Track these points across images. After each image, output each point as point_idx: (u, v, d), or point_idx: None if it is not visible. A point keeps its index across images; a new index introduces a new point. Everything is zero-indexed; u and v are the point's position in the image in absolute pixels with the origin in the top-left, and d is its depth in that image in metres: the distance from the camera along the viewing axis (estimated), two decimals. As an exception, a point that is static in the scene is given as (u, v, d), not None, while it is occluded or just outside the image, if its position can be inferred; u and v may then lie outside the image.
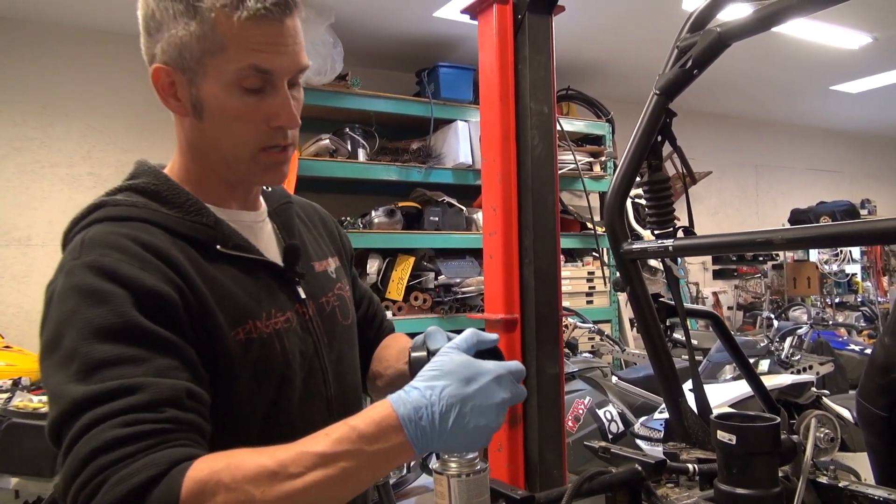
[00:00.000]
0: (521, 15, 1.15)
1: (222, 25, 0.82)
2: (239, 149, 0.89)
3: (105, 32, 4.18)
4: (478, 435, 0.74)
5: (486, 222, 1.25)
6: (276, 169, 0.93)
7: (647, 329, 0.92)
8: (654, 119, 0.88)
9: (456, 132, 4.32)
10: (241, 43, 0.83)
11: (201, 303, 0.84)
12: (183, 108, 0.90)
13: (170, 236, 0.86)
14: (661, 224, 0.93)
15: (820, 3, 0.71)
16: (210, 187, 0.95)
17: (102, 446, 0.68)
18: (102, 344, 0.74)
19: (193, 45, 0.84)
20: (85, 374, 0.72)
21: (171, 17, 0.85)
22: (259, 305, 0.91)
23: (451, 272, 4.20)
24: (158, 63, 0.88)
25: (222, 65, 0.84)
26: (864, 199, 7.68)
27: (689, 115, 6.58)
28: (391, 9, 4.08)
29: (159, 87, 0.90)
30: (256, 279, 0.93)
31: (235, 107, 0.86)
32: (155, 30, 0.88)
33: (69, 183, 4.09)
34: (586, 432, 2.89)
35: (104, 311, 0.75)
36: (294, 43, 0.87)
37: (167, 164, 0.98)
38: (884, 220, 0.60)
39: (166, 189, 0.91)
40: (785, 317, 4.70)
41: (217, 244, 0.89)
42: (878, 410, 0.93)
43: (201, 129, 0.90)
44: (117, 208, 0.87)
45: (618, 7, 4.19)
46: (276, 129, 0.89)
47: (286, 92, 0.88)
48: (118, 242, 0.81)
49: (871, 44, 4.88)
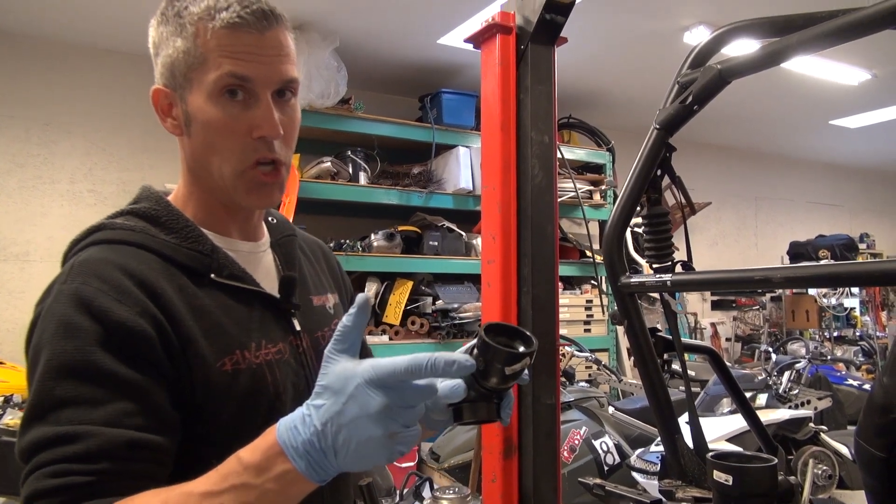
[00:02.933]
0: (524, 45, 1.16)
1: (201, 37, 0.85)
2: (224, 163, 0.88)
3: (111, 52, 4.22)
4: (368, 449, 0.66)
5: (485, 250, 1.24)
6: (262, 190, 0.91)
7: (644, 364, 0.91)
8: (654, 153, 0.88)
9: (457, 158, 4.34)
10: (218, 51, 0.85)
11: (183, 335, 0.83)
12: (178, 128, 0.91)
13: (162, 263, 0.86)
14: (659, 258, 0.93)
15: (820, 43, 0.71)
16: (211, 213, 0.95)
17: (32, 494, 0.71)
18: (65, 381, 0.75)
19: (180, 60, 0.87)
20: (42, 413, 0.74)
21: (164, 39, 0.89)
22: (248, 336, 0.89)
23: (449, 297, 4.19)
24: (156, 85, 0.91)
25: (203, 76, 0.86)
26: (862, 234, 7.70)
27: (689, 146, 6.64)
28: (396, 35, 4.12)
29: (158, 109, 0.92)
30: (249, 309, 0.92)
31: (218, 116, 0.86)
32: (154, 56, 0.92)
33: (70, 199, 4.10)
34: (582, 463, 2.85)
35: (71, 347, 0.76)
36: (276, 55, 0.87)
37: (173, 188, 0.98)
38: (882, 262, 0.60)
39: (166, 214, 0.91)
40: (783, 350, 4.68)
41: (211, 272, 0.89)
42: (876, 451, 0.91)
43: (192, 147, 0.90)
44: (115, 232, 0.88)
45: (619, 38, 4.24)
46: (260, 141, 0.88)
47: (269, 102, 0.87)
48: (102, 271, 0.81)
49: (871, 80, 4.93)
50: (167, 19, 0.89)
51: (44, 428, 0.73)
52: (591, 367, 4.34)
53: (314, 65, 3.83)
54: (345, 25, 3.94)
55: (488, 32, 1.21)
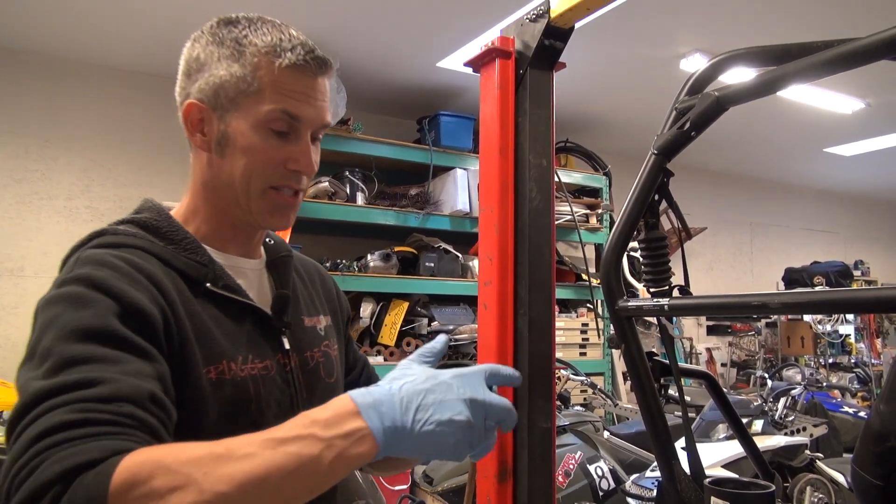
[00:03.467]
0: (522, 70, 1.17)
1: (263, 70, 0.90)
2: (252, 183, 0.92)
3: (111, 68, 4.25)
4: (445, 430, 0.68)
5: (482, 272, 1.24)
6: (283, 212, 0.96)
7: (641, 388, 0.90)
8: (652, 178, 0.89)
9: (455, 180, 4.36)
10: (276, 88, 0.90)
11: (182, 331, 0.84)
12: (206, 144, 0.94)
13: (162, 265, 0.89)
14: (657, 282, 0.93)
15: (817, 72, 0.72)
16: (214, 229, 0.98)
17: (49, 428, 0.65)
18: (77, 343, 0.73)
19: (232, 84, 0.91)
20: (53, 372, 0.71)
21: (215, 59, 0.92)
22: (236, 348, 0.90)
23: (444, 319, 4.18)
24: (192, 99, 0.93)
25: (255, 105, 0.90)
26: (857, 261, 7.73)
27: (685, 171, 6.69)
28: (396, 57, 4.16)
29: (188, 122, 0.95)
30: (240, 323, 0.93)
31: (260, 145, 0.91)
32: (195, 70, 0.94)
33: (66, 216, 4.09)
34: (577, 488, 2.83)
35: (86, 314, 0.76)
36: (322, 99, 0.95)
37: (176, 205, 1.01)
38: (879, 289, 0.60)
39: (166, 226, 0.94)
40: (779, 376, 4.67)
41: (207, 282, 0.91)
42: (873, 479, 0.91)
43: (220, 165, 0.94)
44: (116, 237, 0.90)
45: (617, 65, 4.28)
46: (291, 173, 0.93)
47: (308, 141, 0.94)
48: (110, 261, 0.83)
49: (864, 109, 4.98)
50: (221, 41, 0.93)
51: (54, 380, 0.69)
52: (586, 391, 4.32)
53: (314, 85, 3.86)
54: (345, 47, 3.97)
55: (488, 57, 1.22)
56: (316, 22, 3.68)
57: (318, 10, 3.54)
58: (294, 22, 3.30)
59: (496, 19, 3.57)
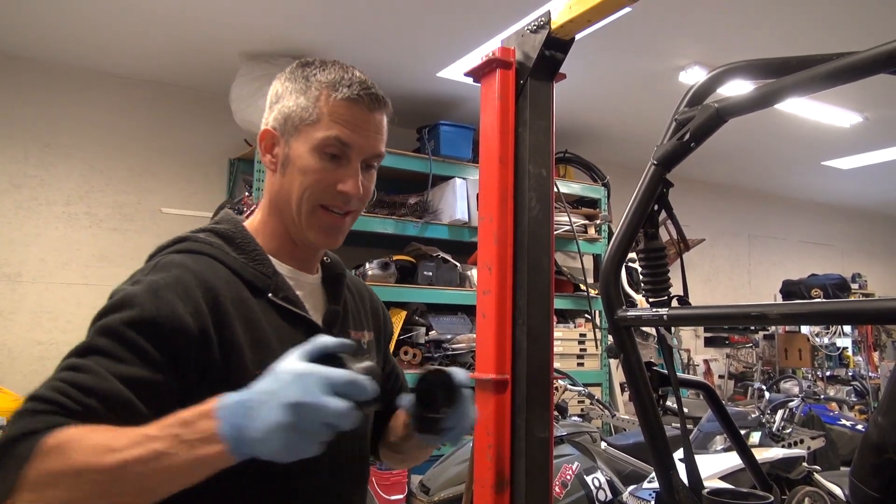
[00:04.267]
0: (523, 80, 1.18)
1: (322, 101, 1.02)
2: (305, 200, 1.03)
3: (112, 75, 4.26)
4: (270, 437, 0.71)
5: (481, 281, 1.25)
6: (331, 232, 1.07)
7: (639, 398, 0.90)
8: (652, 188, 0.89)
9: (454, 189, 4.36)
10: (332, 117, 1.02)
11: (229, 340, 0.93)
12: (274, 165, 1.06)
13: (230, 275, 0.99)
14: (656, 292, 0.93)
15: (815, 85, 0.73)
16: (280, 243, 1.08)
17: (31, 396, 0.80)
18: (104, 337, 0.85)
19: (297, 114, 1.03)
20: (78, 351, 0.85)
21: (288, 93, 1.06)
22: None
23: (442, 328, 4.18)
24: (268, 127, 1.07)
25: (314, 131, 1.02)
26: (855, 273, 7.74)
27: (684, 183, 6.67)
28: (396, 67, 4.18)
29: (263, 146, 1.07)
30: (295, 331, 1.02)
31: (314, 166, 1.02)
32: (274, 102, 1.08)
33: (65, 221, 4.09)
34: (573, 499, 2.82)
35: (120, 316, 0.87)
36: (375, 132, 1.05)
37: (251, 219, 1.12)
38: (878, 301, 0.60)
39: (241, 237, 1.05)
40: (776, 388, 4.67)
41: (269, 292, 1.01)
42: (871, 491, 0.91)
43: (281, 183, 1.05)
44: (196, 244, 1.01)
45: (616, 77, 4.30)
46: (340, 194, 1.03)
47: (357, 166, 1.04)
48: (177, 272, 0.94)
49: (862, 123, 5.00)
50: (295, 78, 1.06)
51: (72, 359, 0.84)
52: (583, 402, 4.31)
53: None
54: (346, 57, 3.97)
55: (489, 67, 1.23)
56: (318, 32, 3.69)
57: (320, 21, 3.56)
58: (299, 32, 3.34)
59: (497, 30, 3.59)
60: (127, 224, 4.23)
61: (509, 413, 1.26)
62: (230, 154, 4.55)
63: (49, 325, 3.98)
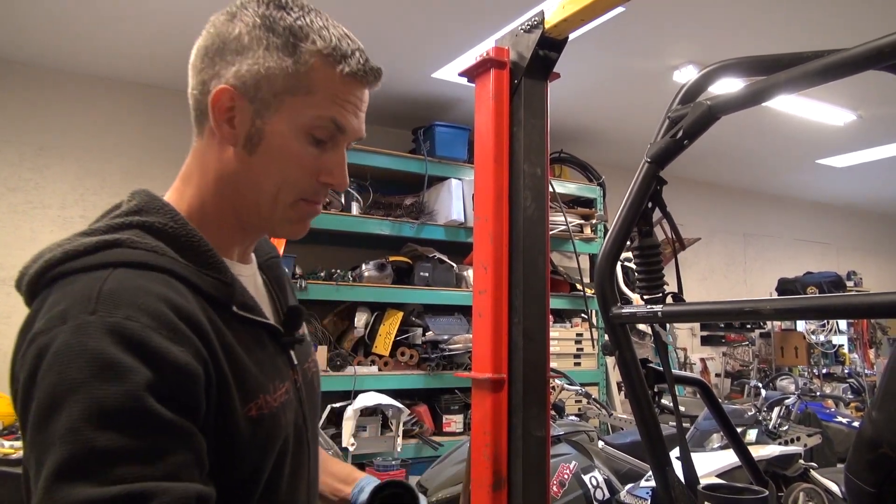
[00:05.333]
0: (517, 80, 1.18)
1: (319, 72, 0.82)
2: (282, 192, 0.85)
3: (106, 78, 4.25)
4: None
5: (477, 281, 1.25)
6: (302, 224, 0.90)
7: (634, 394, 0.91)
8: (645, 186, 0.90)
9: (449, 190, 4.37)
10: (329, 93, 0.83)
11: (222, 377, 0.75)
12: (234, 137, 0.84)
13: (192, 294, 0.77)
14: (650, 289, 0.94)
15: (807, 81, 0.73)
16: (220, 228, 0.87)
17: None
18: (109, 431, 0.62)
19: (279, 79, 0.81)
20: (87, 469, 0.61)
21: (262, 46, 0.82)
22: (268, 378, 0.83)
23: (439, 329, 4.18)
24: (225, 85, 0.82)
25: (302, 107, 0.82)
26: (850, 271, 7.76)
27: (679, 182, 6.71)
28: (391, 68, 4.18)
29: (216, 109, 0.83)
30: (263, 346, 0.85)
31: (297, 151, 0.83)
32: (234, 52, 0.83)
33: (60, 225, 4.08)
34: (571, 498, 2.82)
35: (117, 390, 0.64)
36: (364, 111, 0.88)
37: (167, 194, 0.89)
38: (870, 295, 0.61)
39: (184, 234, 0.80)
40: (772, 386, 4.68)
41: (233, 304, 0.81)
42: (866, 486, 0.91)
43: (247, 163, 0.84)
44: (136, 252, 0.76)
45: (611, 76, 4.31)
46: (322, 185, 0.87)
47: (344, 154, 0.88)
48: (147, 304, 0.70)
49: (856, 121, 5.02)
50: (272, 27, 0.82)
51: (95, 489, 0.60)
52: (580, 401, 4.32)
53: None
54: (340, 58, 3.99)
55: (483, 67, 1.23)
56: (311, 32, 3.69)
57: (314, 21, 3.56)
58: (290, 32, 3.21)
59: (491, 30, 3.59)
60: (122, 227, 4.22)
61: (506, 412, 1.27)
62: (225, 156, 4.54)
63: (45, 328, 3.97)
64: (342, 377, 3.83)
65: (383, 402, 3.67)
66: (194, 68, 0.88)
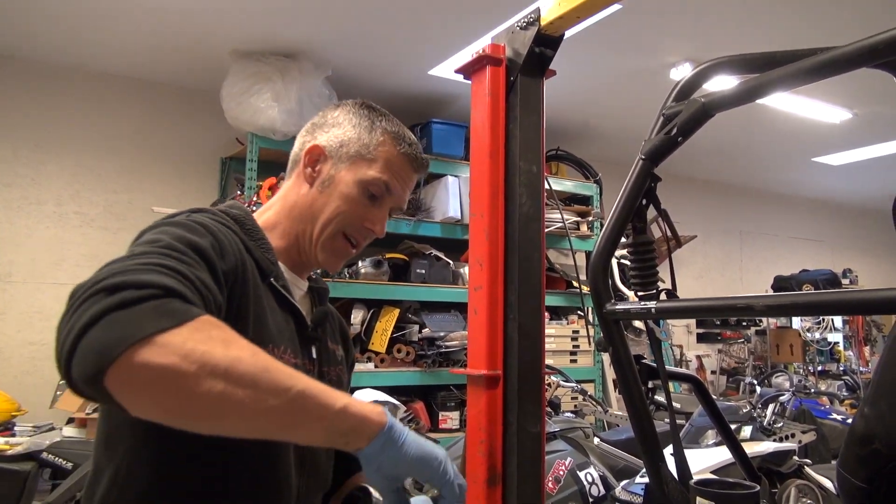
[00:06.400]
0: (513, 77, 1.18)
1: (384, 146, 1.15)
2: (334, 222, 1.12)
3: (102, 74, 4.24)
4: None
5: (472, 277, 1.25)
6: (339, 257, 1.16)
7: (628, 391, 0.91)
8: (639, 183, 0.90)
9: (446, 187, 4.37)
10: (388, 163, 1.14)
11: (244, 305, 0.96)
12: (312, 178, 1.15)
13: (244, 249, 1.02)
14: (644, 286, 0.94)
15: (800, 79, 0.74)
16: (286, 244, 1.14)
17: (159, 263, 0.79)
18: (181, 244, 0.86)
19: (354, 145, 1.14)
20: (155, 246, 0.84)
21: (351, 125, 1.16)
22: (281, 338, 1.03)
23: (435, 325, 4.18)
24: (317, 143, 1.16)
25: (366, 167, 1.13)
26: (845, 269, 7.79)
27: (676, 180, 6.73)
28: (388, 65, 4.18)
29: (307, 157, 1.15)
30: (287, 320, 1.07)
31: (354, 197, 1.12)
32: (330, 126, 1.18)
33: (55, 221, 4.07)
34: (566, 494, 2.83)
35: (195, 236, 0.89)
36: (410, 189, 1.20)
37: (261, 214, 1.17)
38: (862, 291, 0.61)
39: (250, 224, 1.09)
40: (768, 383, 4.70)
41: (272, 276, 1.05)
42: (858, 482, 0.92)
43: (315, 198, 1.13)
44: (214, 215, 1.03)
45: (608, 74, 4.32)
46: (365, 230, 1.15)
47: (387, 212, 1.17)
48: (212, 225, 0.97)
49: (852, 119, 5.04)
50: (360, 114, 1.18)
51: (155, 251, 0.83)
52: (576, 398, 4.33)
53: (306, 93, 3.87)
54: (338, 55, 3.99)
55: (479, 64, 1.23)
56: (309, 31, 3.69)
57: (312, 19, 3.56)
58: (290, 30, 3.33)
59: (488, 27, 3.59)
60: (118, 223, 4.22)
61: (501, 408, 1.27)
62: (222, 153, 4.54)
63: (40, 325, 3.96)
64: (338, 374, 3.83)
65: (380, 399, 3.67)
66: (300, 135, 1.21)
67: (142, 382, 0.69)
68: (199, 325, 0.73)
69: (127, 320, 0.70)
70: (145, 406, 0.71)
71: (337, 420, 0.80)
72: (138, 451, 0.93)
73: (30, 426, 3.18)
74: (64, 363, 0.70)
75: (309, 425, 0.79)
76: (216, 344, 0.72)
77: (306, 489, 1.09)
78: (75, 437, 3.13)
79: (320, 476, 1.15)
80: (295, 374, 0.78)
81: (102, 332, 0.69)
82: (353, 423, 0.81)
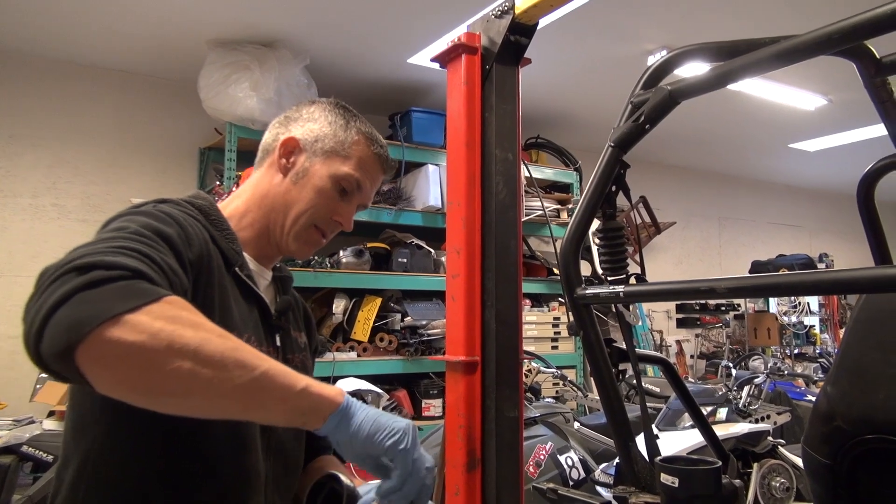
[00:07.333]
0: (489, 66, 1.19)
1: (358, 145, 1.21)
2: (304, 216, 1.16)
3: (78, 65, 4.18)
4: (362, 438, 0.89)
5: (450, 265, 1.27)
6: (310, 246, 1.21)
7: (599, 373, 0.94)
8: (609, 170, 0.92)
9: (426, 175, 4.37)
10: (361, 162, 1.21)
11: (208, 295, 0.98)
12: (285, 169, 1.19)
13: (209, 240, 1.05)
14: (614, 270, 0.96)
15: (762, 66, 0.76)
16: (254, 234, 1.17)
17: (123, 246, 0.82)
18: (147, 230, 0.89)
19: (330, 141, 1.19)
20: (121, 233, 0.86)
21: (326, 121, 1.21)
22: (246, 326, 1.06)
23: (417, 314, 4.20)
24: (293, 135, 1.20)
25: (340, 164, 1.19)
26: (822, 253, 7.91)
27: (655, 167, 6.79)
28: (366, 53, 4.16)
29: (282, 149, 1.19)
30: (251, 309, 1.10)
31: (327, 191, 1.17)
32: (306, 120, 1.22)
33: (32, 213, 4.03)
34: (547, 478, 2.87)
35: (161, 225, 0.92)
36: (376, 188, 1.27)
37: (228, 206, 1.20)
38: (816, 273, 0.63)
39: (214, 214, 1.11)
40: (744, 366, 4.78)
41: (236, 266, 1.08)
42: (822, 458, 0.95)
43: (289, 189, 1.17)
44: (178, 206, 1.05)
45: (586, 62, 4.33)
46: (332, 222, 1.20)
47: (354, 208, 1.23)
48: (177, 215, 0.99)
49: (826, 105, 5.11)
50: (336, 112, 1.23)
51: (121, 236, 0.85)
52: (557, 384, 4.37)
53: (285, 82, 3.84)
54: (316, 44, 3.96)
55: (454, 52, 1.24)
56: (286, 19, 3.66)
57: (288, 8, 3.53)
58: (267, 18, 3.30)
59: (468, 15, 3.59)
60: (96, 215, 4.17)
61: (479, 394, 1.29)
62: (200, 143, 4.51)
63: (18, 319, 3.88)
64: (321, 363, 3.84)
65: (363, 388, 3.69)
66: (272, 126, 1.25)
67: (112, 358, 0.71)
68: (168, 306, 0.75)
69: (97, 299, 0.72)
70: (113, 382, 0.74)
71: (297, 399, 0.83)
72: (108, 439, 0.95)
73: (10, 420, 3.16)
74: (33, 339, 0.73)
75: (271, 405, 0.81)
76: (185, 324, 0.75)
77: (274, 473, 1.11)
78: (56, 430, 3.11)
79: (289, 461, 1.17)
80: (260, 355, 0.81)
81: (73, 310, 0.71)
82: (311, 403, 0.84)
